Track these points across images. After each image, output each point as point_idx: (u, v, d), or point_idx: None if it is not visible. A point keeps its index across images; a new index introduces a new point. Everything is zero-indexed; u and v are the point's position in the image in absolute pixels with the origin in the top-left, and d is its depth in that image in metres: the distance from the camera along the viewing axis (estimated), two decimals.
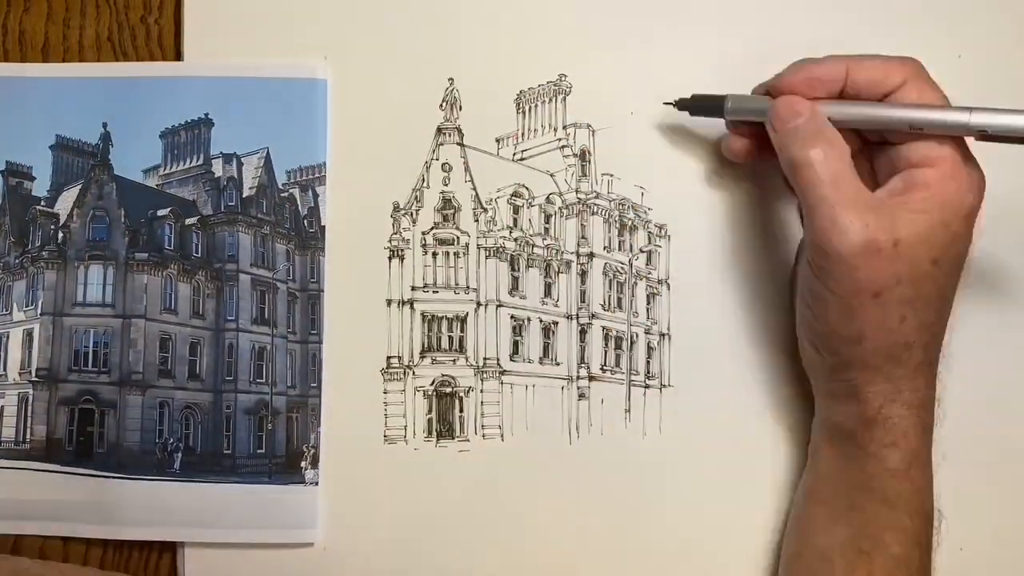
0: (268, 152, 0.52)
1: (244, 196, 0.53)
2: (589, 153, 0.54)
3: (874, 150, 0.47)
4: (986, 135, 0.43)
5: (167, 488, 0.51)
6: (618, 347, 0.53)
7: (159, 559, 0.53)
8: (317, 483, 0.51)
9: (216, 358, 0.53)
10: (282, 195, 0.53)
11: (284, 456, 0.52)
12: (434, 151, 0.53)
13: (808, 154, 0.44)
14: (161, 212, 0.53)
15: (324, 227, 0.52)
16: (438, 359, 0.53)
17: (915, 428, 0.46)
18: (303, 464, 0.51)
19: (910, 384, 0.45)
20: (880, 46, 0.53)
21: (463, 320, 0.53)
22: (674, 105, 0.50)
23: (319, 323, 0.52)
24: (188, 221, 0.53)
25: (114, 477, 0.51)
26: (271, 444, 0.52)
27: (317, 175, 0.52)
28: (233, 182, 0.53)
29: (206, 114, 0.52)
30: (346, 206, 0.53)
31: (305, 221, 0.53)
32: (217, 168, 0.53)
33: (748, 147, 0.49)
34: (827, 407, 0.48)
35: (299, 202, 0.52)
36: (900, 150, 0.45)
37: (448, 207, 0.53)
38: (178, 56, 0.52)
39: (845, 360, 0.46)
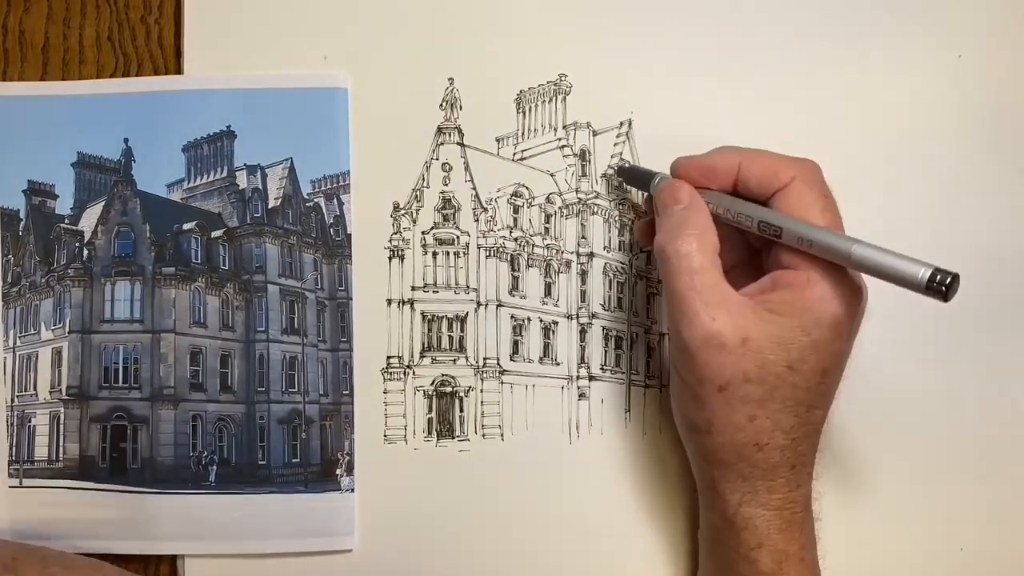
0: (292, 162, 0.52)
1: (270, 207, 0.53)
2: (589, 153, 0.54)
3: (765, 245, 0.47)
4: (864, 269, 0.42)
5: (203, 501, 0.51)
6: (618, 347, 0.53)
7: (157, 568, 0.53)
8: (353, 490, 0.52)
9: (247, 369, 0.52)
10: (307, 205, 0.52)
11: (319, 464, 0.52)
12: (434, 151, 0.53)
13: (672, 245, 0.45)
14: (187, 226, 0.53)
15: (350, 235, 0.52)
16: (438, 359, 0.53)
17: (780, 530, 0.44)
18: (338, 472, 0.52)
19: (766, 485, 0.44)
20: (881, 46, 0.53)
21: (463, 320, 0.53)
22: (615, 173, 0.53)
23: (348, 331, 0.52)
24: (214, 234, 0.53)
25: (149, 492, 0.51)
26: (305, 453, 0.52)
27: (341, 183, 0.52)
28: (258, 193, 0.53)
29: (228, 126, 0.52)
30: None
31: (331, 230, 0.53)
32: (241, 180, 0.53)
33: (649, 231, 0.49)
34: (701, 502, 0.48)
35: (324, 211, 0.52)
36: (776, 249, 0.45)
37: (448, 207, 0.53)
38: (178, 56, 0.52)
39: (699, 449, 0.46)
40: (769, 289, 0.44)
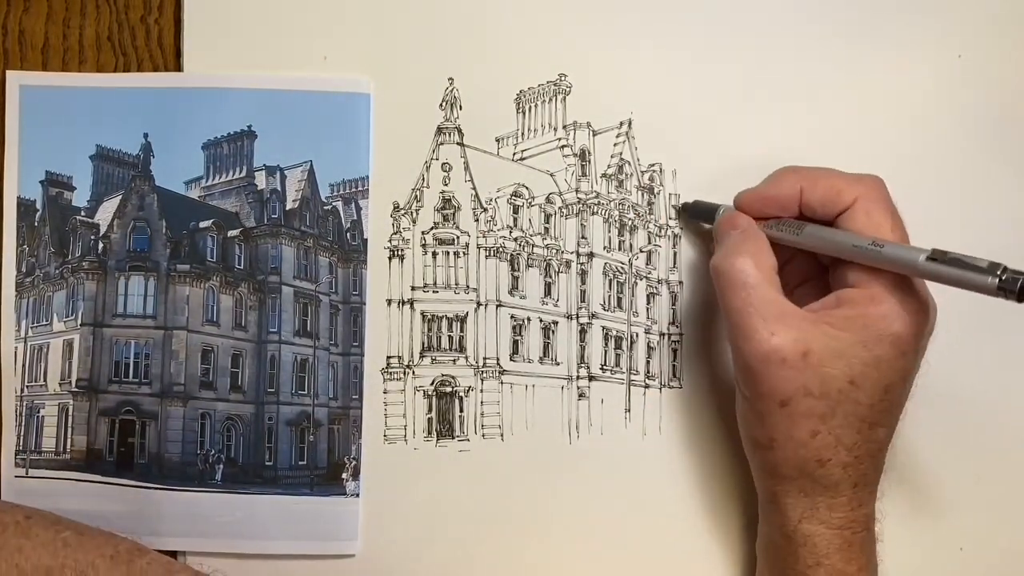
0: (311, 165, 0.52)
1: (287, 209, 0.53)
2: (589, 153, 0.54)
3: (832, 264, 0.47)
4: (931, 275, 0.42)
5: (208, 499, 0.51)
6: (618, 347, 0.53)
7: None
8: (358, 495, 0.52)
9: (258, 370, 0.52)
10: (325, 208, 0.52)
11: (326, 468, 0.52)
12: (434, 151, 0.53)
13: (726, 263, 0.45)
14: (203, 224, 0.53)
15: (366, 240, 0.52)
16: (438, 359, 0.53)
17: (839, 549, 0.44)
18: (344, 476, 0.52)
19: (827, 503, 0.44)
20: (881, 46, 0.53)
21: (463, 320, 0.53)
22: (680, 210, 0.53)
23: (360, 335, 0.52)
24: (231, 233, 0.53)
25: (155, 488, 0.51)
26: (312, 456, 0.52)
27: (360, 188, 0.52)
28: (276, 195, 0.53)
29: (249, 126, 0.52)
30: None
31: (348, 234, 0.53)
32: (260, 181, 0.53)
33: None
34: (761, 515, 0.48)
35: (342, 215, 0.52)
36: (842, 267, 0.45)
37: (448, 207, 0.53)
38: (178, 56, 0.52)
39: (761, 464, 0.46)
40: (833, 306, 0.44)
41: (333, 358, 0.52)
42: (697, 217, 0.52)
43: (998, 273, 0.39)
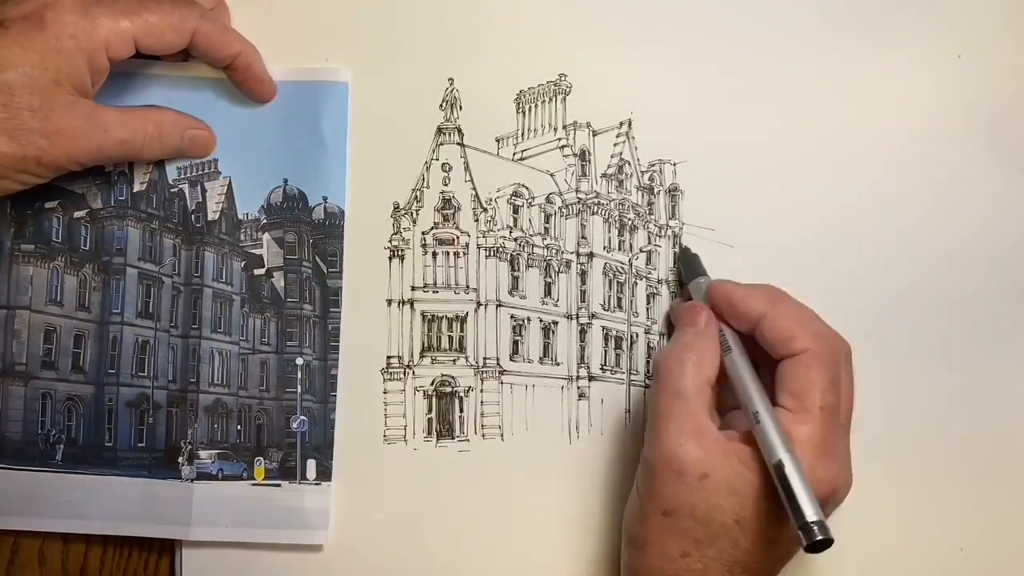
0: None
1: (134, 191, 0.53)
2: (589, 153, 0.54)
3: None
4: None
5: (47, 479, 0.51)
6: (618, 347, 0.53)
7: (158, 560, 0.53)
8: (194, 479, 0.51)
9: (100, 351, 0.52)
10: (171, 191, 0.53)
11: (163, 450, 0.52)
12: (434, 151, 0.53)
13: (667, 364, 0.45)
14: (49, 204, 0.52)
15: (211, 221, 0.53)
16: (438, 359, 0.53)
17: None
18: (180, 460, 0.52)
19: None
20: (881, 46, 0.53)
21: (463, 320, 0.53)
22: (679, 251, 0.53)
23: (200, 317, 0.52)
24: (76, 214, 0.52)
25: None
26: (151, 438, 0.52)
27: (206, 171, 0.52)
28: (124, 177, 0.53)
29: None
30: (345, 206, 0.53)
31: (192, 216, 0.53)
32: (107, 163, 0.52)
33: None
34: None
35: (188, 197, 0.53)
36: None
37: (448, 207, 0.53)
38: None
39: (628, 563, 0.46)
40: (749, 441, 0.43)
41: (173, 340, 0.52)
42: (684, 268, 0.52)
43: (811, 522, 0.39)
